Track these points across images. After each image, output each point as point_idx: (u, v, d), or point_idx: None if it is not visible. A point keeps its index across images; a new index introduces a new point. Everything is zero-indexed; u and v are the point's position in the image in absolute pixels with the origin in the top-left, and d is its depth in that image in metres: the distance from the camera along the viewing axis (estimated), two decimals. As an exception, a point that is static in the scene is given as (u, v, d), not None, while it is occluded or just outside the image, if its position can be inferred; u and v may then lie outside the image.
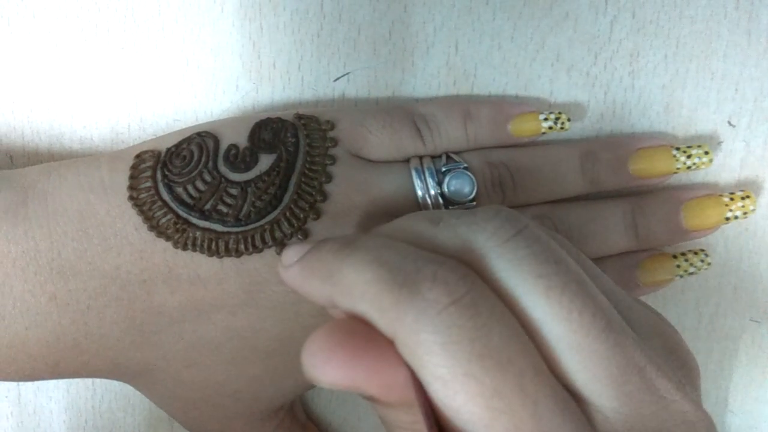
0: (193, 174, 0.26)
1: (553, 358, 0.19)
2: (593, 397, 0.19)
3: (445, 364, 0.17)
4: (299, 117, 0.28)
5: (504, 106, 0.29)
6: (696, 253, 0.29)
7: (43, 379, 0.27)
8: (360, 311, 0.19)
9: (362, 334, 0.18)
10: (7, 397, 0.32)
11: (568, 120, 0.29)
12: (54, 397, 0.32)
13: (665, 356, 0.20)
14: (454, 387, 0.17)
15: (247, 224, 0.26)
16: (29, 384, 0.32)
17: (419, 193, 0.27)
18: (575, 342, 0.18)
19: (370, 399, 0.18)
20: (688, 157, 0.29)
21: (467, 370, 0.17)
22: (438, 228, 0.20)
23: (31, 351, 0.26)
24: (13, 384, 0.32)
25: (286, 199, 0.26)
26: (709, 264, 0.29)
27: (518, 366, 0.18)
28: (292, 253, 0.22)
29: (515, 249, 0.19)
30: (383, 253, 0.19)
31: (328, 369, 0.18)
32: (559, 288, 0.19)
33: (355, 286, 0.19)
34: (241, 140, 0.27)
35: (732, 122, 0.30)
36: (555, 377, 0.19)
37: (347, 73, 0.30)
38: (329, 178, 0.27)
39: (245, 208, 0.26)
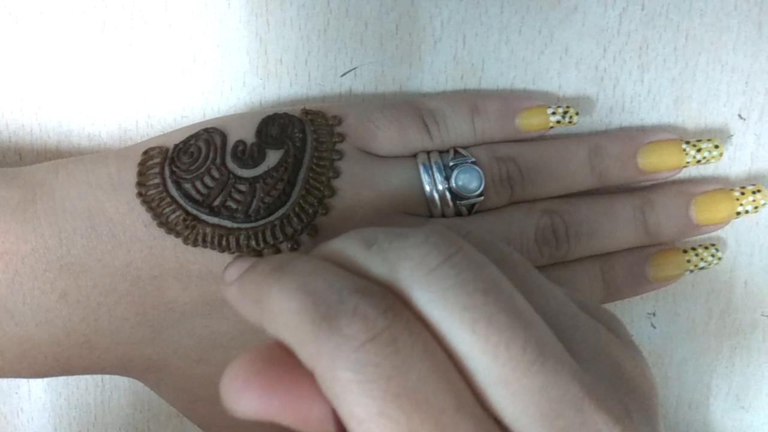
0: (201, 170, 0.26)
1: (481, 393, 0.18)
2: None
3: (360, 402, 0.17)
4: (306, 112, 0.28)
5: (512, 100, 0.29)
6: (706, 248, 0.29)
7: (53, 375, 0.27)
8: (284, 340, 0.18)
9: (283, 364, 0.18)
10: (17, 393, 0.33)
11: (577, 114, 0.29)
12: (63, 393, 0.32)
13: (610, 383, 0.19)
14: (369, 426, 0.17)
15: (257, 220, 0.26)
16: (39, 380, 0.32)
17: (427, 188, 0.27)
18: (503, 376, 0.18)
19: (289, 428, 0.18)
20: (698, 150, 0.28)
21: (382, 409, 0.17)
22: (370, 252, 0.19)
23: (42, 348, 0.26)
24: (24, 380, 0.32)
25: (295, 194, 0.26)
26: (719, 259, 0.29)
27: (437, 404, 0.17)
28: (233, 270, 0.21)
29: (441, 279, 0.18)
30: (310, 281, 0.18)
31: (243, 399, 0.18)
32: (485, 320, 0.18)
33: (280, 314, 0.18)
34: (249, 136, 0.27)
35: (742, 115, 0.30)
36: (485, 411, 0.18)
37: (354, 68, 0.30)
38: (337, 173, 0.27)
39: (254, 204, 0.26)
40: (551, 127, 0.29)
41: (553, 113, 0.28)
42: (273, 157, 0.26)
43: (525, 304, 0.19)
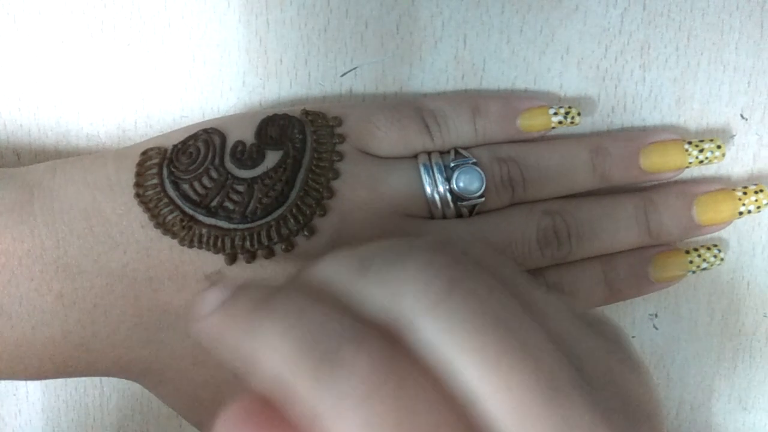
0: (200, 171, 0.26)
1: (493, 429, 0.17)
2: None
3: None
4: (306, 113, 0.28)
5: (513, 100, 0.29)
6: (709, 249, 0.29)
7: (50, 377, 0.27)
8: (272, 386, 0.17)
9: (268, 417, 0.17)
10: (15, 395, 0.32)
11: (579, 114, 0.28)
12: (61, 395, 0.32)
13: (622, 411, 0.18)
14: None
15: (253, 221, 0.26)
16: (37, 382, 0.32)
17: (428, 189, 0.27)
18: (517, 415, 0.17)
19: None
20: (701, 151, 0.28)
21: None
22: (366, 281, 0.18)
23: (38, 350, 0.26)
24: (22, 382, 0.32)
25: (293, 195, 0.26)
26: (722, 259, 0.29)
27: None
28: (208, 302, 0.19)
29: (447, 313, 0.17)
30: (304, 321, 0.17)
31: None
32: (496, 357, 0.17)
33: (271, 359, 0.17)
34: (248, 137, 0.27)
35: (744, 115, 0.30)
36: None
37: (354, 68, 0.30)
38: (336, 174, 0.26)
39: (252, 204, 0.26)
40: (553, 128, 0.28)
41: (555, 113, 0.28)
42: (272, 158, 0.26)
43: (535, 330, 0.18)
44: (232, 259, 0.26)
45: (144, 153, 0.27)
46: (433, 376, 0.17)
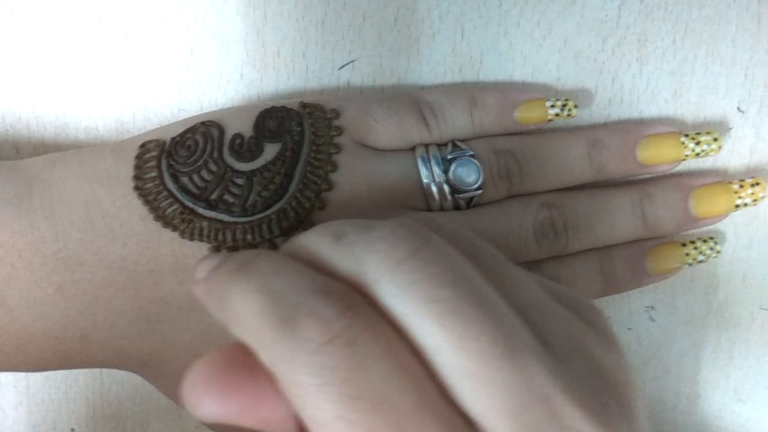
0: (199, 163, 0.26)
1: (448, 388, 0.18)
2: (490, 428, 0.17)
3: (318, 406, 0.17)
4: (304, 105, 0.28)
5: (510, 93, 0.29)
6: (705, 241, 0.29)
7: (51, 369, 0.27)
8: (245, 341, 0.18)
9: (244, 366, 0.18)
10: (15, 387, 0.33)
11: (575, 107, 0.28)
12: (62, 387, 0.33)
13: (585, 377, 0.19)
14: (328, 430, 0.17)
15: (254, 214, 0.26)
16: (38, 374, 0.32)
17: (425, 181, 0.27)
18: (470, 370, 0.17)
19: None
20: (697, 143, 0.28)
21: (341, 413, 0.16)
22: (338, 246, 0.19)
23: (39, 342, 0.26)
24: (22, 374, 0.32)
25: (292, 188, 0.26)
26: (718, 252, 0.29)
27: (398, 405, 0.17)
28: (201, 268, 0.21)
29: (407, 272, 0.18)
30: (271, 281, 0.18)
31: (203, 403, 0.17)
32: (452, 313, 0.17)
33: (241, 316, 0.18)
34: (246, 129, 0.27)
35: (741, 108, 0.30)
36: (453, 408, 0.18)
37: (352, 61, 0.30)
38: (334, 167, 0.26)
39: (251, 197, 0.26)
40: (550, 120, 0.29)
41: (552, 106, 0.28)
42: (270, 151, 0.26)
43: (495, 296, 0.19)
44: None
45: (142, 146, 0.27)
46: (397, 331, 0.18)
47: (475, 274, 0.19)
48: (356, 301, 0.18)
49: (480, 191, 0.27)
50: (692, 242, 0.29)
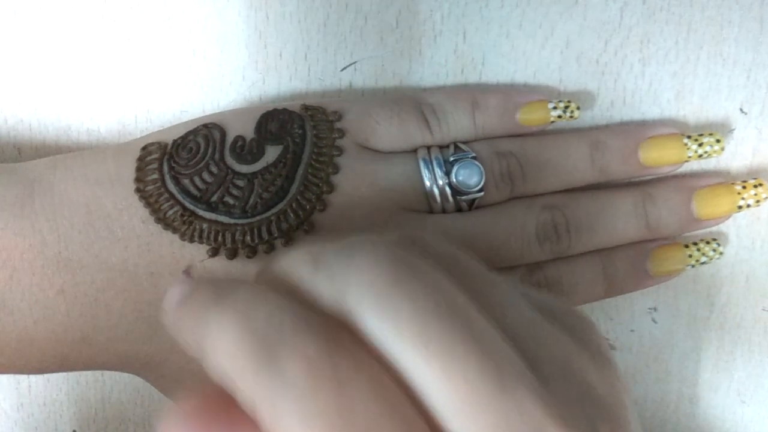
0: (200, 166, 0.26)
1: (438, 424, 0.17)
2: None
3: None
4: (306, 108, 0.28)
5: (512, 94, 0.28)
6: (708, 243, 0.29)
7: (52, 371, 0.27)
8: (223, 377, 0.17)
9: (221, 408, 0.17)
10: (17, 388, 0.33)
11: (578, 108, 0.28)
12: (63, 389, 0.33)
13: (577, 402, 0.18)
14: None
15: (253, 216, 0.26)
16: (39, 376, 0.32)
17: (427, 183, 0.27)
18: (460, 407, 0.17)
19: None
20: (700, 145, 0.28)
21: None
22: (317, 274, 0.18)
23: (40, 344, 0.26)
24: (23, 376, 0.32)
25: (293, 190, 0.26)
26: (721, 253, 0.29)
27: None
28: (173, 296, 0.20)
29: (390, 305, 0.17)
30: (251, 314, 0.17)
31: None
32: (438, 348, 0.17)
33: (219, 350, 0.17)
34: (248, 131, 0.27)
35: (744, 109, 0.30)
36: None
37: (354, 63, 0.30)
38: (336, 169, 0.26)
39: (252, 199, 0.26)
40: (552, 122, 0.28)
41: (554, 108, 0.28)
42: (272, 153, 0.26)
43: (484, 324, 0.18)
44: (232, 254, 0.26)
45: (144, 148, 0.27)
46: (385, 366, 0.17)
47: (463, 300, 0.18)
48: (341, 337, 0.17)
49: (482, 193, 0.27)
50: (695, 243, 0.29)
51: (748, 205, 0.28)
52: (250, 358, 0.17)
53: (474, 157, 0.27)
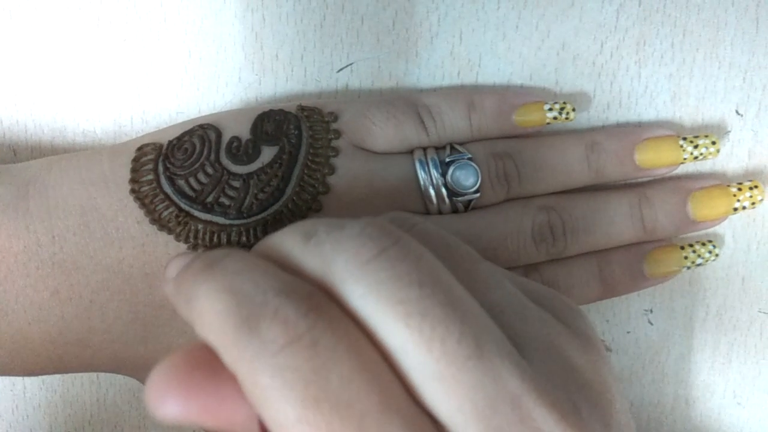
0: (195, 166, 0.26)
1: (416, 389, 0.17)
2: (458, 430, 0.17)
3: (279, 408, 0.16)
4: (302, 108, 0.28)
5: (508, 96, 0.29)
6: (704, 244, 0.29)
7: (47, 374, 0.27)
8: (209, 342, 0.18)
9: (207, 367, 0.18)
10: (11, 391, 0.32)
11: (574, 110, 0.28)
12: (58, 391, 0.32)
13: (558, 378, 0.18)
14: None
15: (249, 217, 0.26)
16: (34, 378, 0.32)
17: (423, 184, 0.27)
18: (437, 372, 0.17)
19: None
20: (695, 147, 0.28)
21: (301, 415, 0.16)
22: (307, 246, 0.19)
23: (35, 346, 0.26)
24: (18, 378, 0.32)
25: (289, 191, 0.26)
26: (716, 255, 0.29)
27: (360, 407, 0.17)
28: (172, 267, 0.20)
29: (375, 271, 0.18)
30: (237, 281, 0.18)
31: (163, 405, 0.17)
32: (419, 314, 0.17)
33: (205, 316, 0.18)
34: (244, 132, 0.27)
35: (740, 111, 0.30)
36: (420, 409, 0.17)
37: (350, 64, 0.30)
38: (332, 170, 0.26)
39: (247, 200, 0.26)
40: (548, 123, 0.28)
41: (550, 109, 0.28)
42: (268, 154, 0.26)
43: (465, 296, 0.18)
44: None
45: (139, 149, 0.27)
46: (363, 331, 0.18)
47: (446, 273, 0.19)
48: (321, 302, 0.18)
49: (478, 194, 0.27)
50: (691, 245, 0.29)
51: (744, 207, 0.28)
52: (232, 319, 0.17)
53: (470, 159, 0.27)
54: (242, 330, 0.17)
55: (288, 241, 0.19)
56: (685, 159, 0.28)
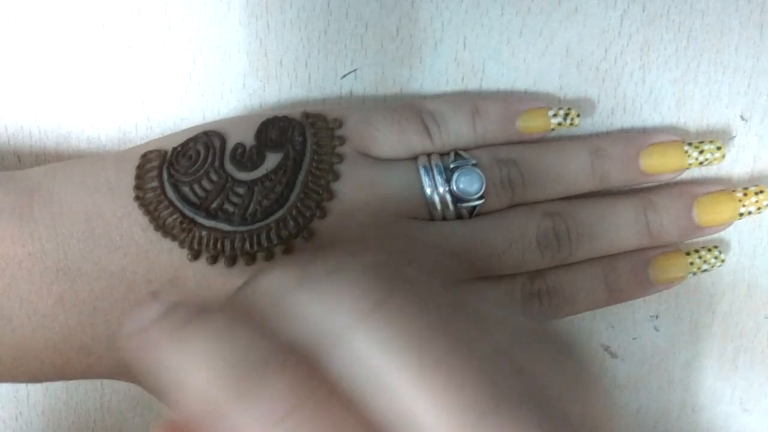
0: (200, 173, 0.26)
1: None
2: None
3: None
4: (306, 115, 0.28)
5: (513, 102, 0.28)
6: (709, 250, 0.29)
7: (50, 380, 0.27)
8: (195, 406, 0.17)
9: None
10: (15, 397, 0.32)
11: (578, 116, 0.28)
12: (62, 398, 0.32)
13: (555, 425, 0.18)
14: None
15: (253, 223, 0.26)
16: (38, 385, 0.32)
17: (427, 190, 0.27)
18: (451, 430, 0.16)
19: None
20: (701, 152, 0.28)
21: None
22: (300, 293, 0.18)
23: (39, 353, 0.26)
24: (22, 385, 0.32)
25: (293, 197, 0.26)
26: (722, 261, 0.29)
27: None
28: (131, 324, 0.18)
29: (378, 325, 0.17)
30: (223, 344, 0.17)
31: None
32: (423, 375, 0.16)
33: (193, 378, 0.17)
34: (248, 139, 0.27)
35: (744, 116, 0.30)
36: None
37: (354, 70, 0.30)
38: (336, 176, 0.26)
39: (251, 206, 0.26)
40: (552, 129, 0.28)
41: (554, 115, 0.28)
42: (272, 160, 0.26)
43: (473, 347, 0.17)
44: (231, 262, 0.26)
45: (144, 156, 0.27)
46: (352, 401, 0.17)
47: (450, 323, 0.18)
48: (311, 375, 0.17)
49: (482, 200, 0.27)
50: (696, 251, 0.29)
51: (750, 213, 0.28)
52: (230, 386, 0.16)
53: (474, 165, 0.27)
54: (241, 397, 0.16)
55: (277, 286, 0.18)
56: (690, 164, 0.28)
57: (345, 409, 0.17)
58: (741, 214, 0.28)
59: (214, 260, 0.26)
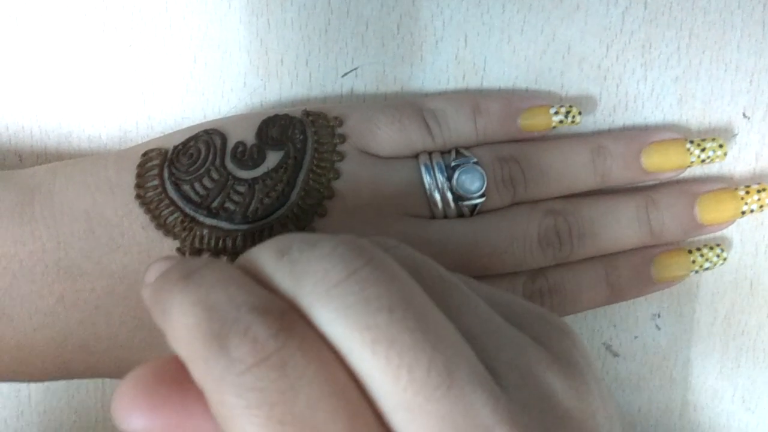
0: (201, 172, 0.26)
1: (385, 417, 0.17)
2: None
3: (244, 429, 0.16)
4: (307, 113, 0.28)
5: (514, 100, 0.28)
6: (711, 248, 0.29)
7: (52, 379, 0.27)
8: (179, 355, 0.18)
9: (175, 381, 0.18)
10: (17, 397, 0.32)
11: (579, 113, 0.28)
12: (63, 397, 0.32)
13: (534, 409, 0.18)
14: None
15: (254, 221, 0.26)
16: (40, 384, 0.32)
17: (428, 188, 0.27)
18: (405, 401, 0.16)
19: None
20: (702, 150, 0.28)
21: None
22: (280, 263, 0.18)
23: (40, 352, 0.26)
24: (23, 384, 0.32)
25: (294, 196, 0.26)
26: (725, 259, 0.29)
27: (324, 431, 0.16)
28: (152, 272, 0.20)
29: (343, 295, 0.17)
30: (213, 294, 0.18)
31: (128, 418, 0.17)
32: (386, 341, 0.17)
33: (177, 328, 0.18)
34: (249, 137, 0.27)
35: (747, 114, 0.30)
36: None
37: (355, 69, 0.30)
38: (337, 174, 0.26)
39: (252, 205, 0.26)
40: (554, 127, 0.28)
41: (556, 113, 0.28)
42: (273, 159, 0.26)
43: (441, 321, 0.18)
44: (233, 260, 0.26)
45: (145, 154, 0.27)
46: (333, 355, 0.17)
47: (421, 296, 0.18)
48: (294, 322, 0.17)
49: (484, 198, 0.27)
50: (698, 249, 0.29)
51: (752, 211, 0.28)
52: (202, 334, 0.17)
53: (476, 163, 0.27)
54: (211, 346, 0.17)
55: (263, 257, 0.19)
56: (692, 162, 0.28)
57: (332, 359, 0.17)
58: (743, 212, 0.28)
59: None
